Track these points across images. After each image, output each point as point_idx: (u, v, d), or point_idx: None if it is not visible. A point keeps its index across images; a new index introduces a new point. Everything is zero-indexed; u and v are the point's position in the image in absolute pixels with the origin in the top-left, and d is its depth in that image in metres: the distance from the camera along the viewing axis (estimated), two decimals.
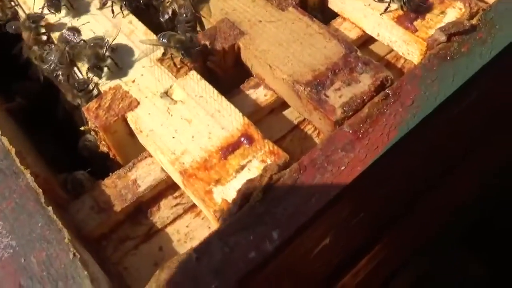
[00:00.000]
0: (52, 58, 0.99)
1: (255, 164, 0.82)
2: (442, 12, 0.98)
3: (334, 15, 1.12)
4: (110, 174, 0.91)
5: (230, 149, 0.84)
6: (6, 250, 0.74)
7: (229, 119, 0.87)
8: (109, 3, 1.06)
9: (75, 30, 1.03)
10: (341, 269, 1.21)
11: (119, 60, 0.98)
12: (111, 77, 0.97)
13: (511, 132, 1.21)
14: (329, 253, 0.99)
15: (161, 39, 0.94)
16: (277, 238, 0.73)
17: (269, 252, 0.72)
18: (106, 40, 0.97)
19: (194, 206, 0.90)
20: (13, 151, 0.84)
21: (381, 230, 1.23)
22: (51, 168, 1.10)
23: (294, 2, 1.03)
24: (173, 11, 1.07)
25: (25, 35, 1.08)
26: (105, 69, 0.95)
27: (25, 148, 1.01)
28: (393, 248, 1.41)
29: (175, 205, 0.91)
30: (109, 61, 0.96)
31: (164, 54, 0.95)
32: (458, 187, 1.27)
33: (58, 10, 1.08)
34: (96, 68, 0.94)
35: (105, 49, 0.96)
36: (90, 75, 0.95)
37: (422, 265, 1.69)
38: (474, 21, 0.93)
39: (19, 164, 0.82)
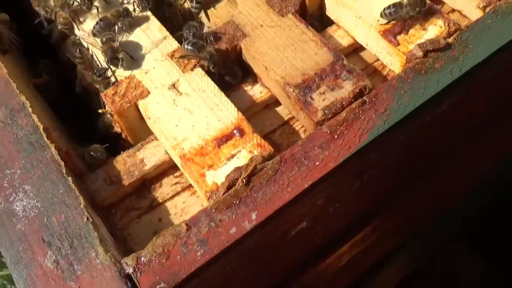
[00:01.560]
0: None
1: (243, 154, 0.96)
2: (424, 29, 1.08)
3: (332, 21, 1.23)
4: (121, 152, 1.06)
5: (224, 139, 0.98)
6: (33, 210, 0.89)
7: (225, 113, 1.01)
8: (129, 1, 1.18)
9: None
10: (323, 250, 1.35)
11: (134, 52, 1.11)
12: (127, 67, 1.11)
13: (480, 140, 1.32)
14: (307, 235, 1.13)
15: (192, 48, 1.05)
16: (255, 219, 0.87)
17: (247, 229, 0.86)
18: (117, 34, 1.09)
19: (191, 185, 1.04)
20: (41, 127, 0.99)
21: (362, 218, 1.37)
22: (72, 140, 1.25)
23: (293, 9, 1.15)
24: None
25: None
26: (121, 60, 1.08)
27: (51, 123, 1.16)
28: (379, 235, 1.54)
29: (175, 184, 1.05)
30: (123, 53, 1.09)
31: (183, 56, 1.07)
32: (435, 188, 1.40)
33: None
34: (113, 59, 1.08)
35: (117, 42, 1.10)
36: (109, 65, 1.09)
37: (418, 256, 1.79)
38: (450, 40, 1.03)
39: (45, 139, 0.97)
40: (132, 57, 1.10)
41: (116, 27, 1.11)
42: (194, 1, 1.16)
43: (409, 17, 1.08)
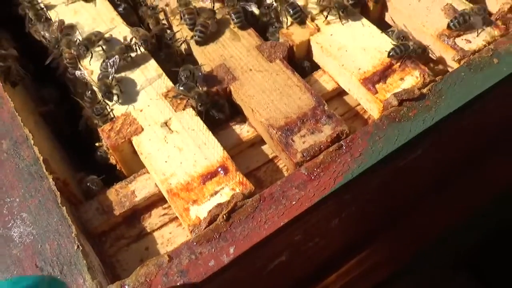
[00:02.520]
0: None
1: (226, 191, 1.03)
2: (401, 79, 1.16)
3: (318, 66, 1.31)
4: (115, 183, 1.14)
5: (209, 176, 1.05)
6: (29, 237, 0.97)
7: (212, 151, 1.08)
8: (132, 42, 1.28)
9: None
10: (305, 282, 1.40)
11: (131, 90, 1.20)
12: (124, 103, 1.19)
13: (454, 181, 1.38)
14: (287, 268, 1.19)
15: (182, 88, 1.15)
16: (232, 253, 0.94)
17: (225, 263, 0.93)
18: (111, 71, 1.19)
19: (177, 217, 1.11)
20: (41, 158, 1.07)
21: (344, 252, 1.42)
22: (73, 165, 1.33)
23: (281, 56, 1.24)
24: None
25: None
26: (115, 96, 1.17)
27: (52, 151, 1.25)
28: (365, 267, 1.59)
29: (163, 215, 1.12)
30: (116, 88, 1.18)
31: (175, 96, 1.16)
32: (414, 224, 1.45)
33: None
34: (107, 94, 1.17)
35: (111, 78, 1.19)
36: (105, 100, 1.18)
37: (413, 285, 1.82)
38: (425, 90, 1.11)
39: (44, 170, 1.05)
40: (121, 91, 1.18)
41: (109, 62, 1.20)
42: (198, 31, 1.26)
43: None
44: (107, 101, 1.18)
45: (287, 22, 1.30)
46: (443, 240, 1.72)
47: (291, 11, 1.27)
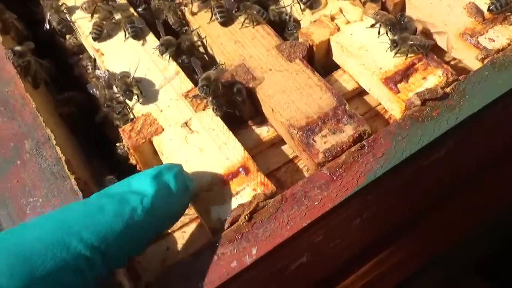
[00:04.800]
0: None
1: (247, 192, 1.02)
2: (424, 78, 1.15)
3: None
4: None
5: (230, 176, 1.05)
6: None
7: (232, 151, 1.08)
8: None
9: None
10: (325, 283, 1.39)
11: (151, 91, 1.20)
12: (145, 104, 1.20)
13: (476, 183, 1.36)
14: (308, 269, 1.18)
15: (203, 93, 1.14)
16: (255, 254, 0.93)
17: (247, 264, 0.92)
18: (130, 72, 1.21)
19: (198, 217, 1.11)
20: (63, 158, 1.08)
21: (364, 252, 1.41)
22: (92, 166, 1.34)
23: (301, 55, 1.23)
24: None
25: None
26: (135, 96, 1.18)
27: (72, 151, 1.26)
28: (383, 268, 1.58)
29: (184, 215, 1.12)
30: (136, 88, 1.19)
31: (195, 96, 1.16)
32: (436, 225, 1.43)
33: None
34: (127, 92, 1.17)
35: (131, 78, 1.19)
36: (125, 98, 1.18)
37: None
38: (448, 89, 1.09)
39: (67, 170, 1.06)
40: (141, 92, 1.19)
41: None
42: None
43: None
44: (127, 101, 1.19)
45: (301, 8, 1.31)
46: (460, 244, 1.70)
47: None
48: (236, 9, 1.31)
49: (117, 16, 1.38)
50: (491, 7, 1.20)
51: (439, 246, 1.64)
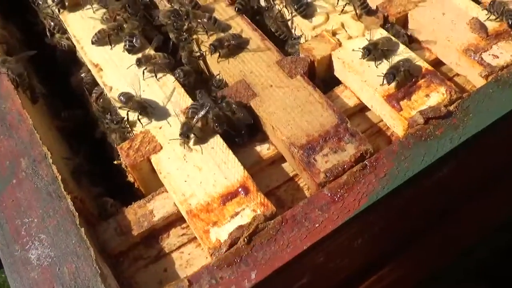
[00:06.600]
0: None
1: (247, 213, 1.00)
2: (427, 95, 1.13)
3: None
4: (133, 202, 1.12)
5: (229, 197, 1.03)
6: (47, 259, 0.95)
7: (232, 171, 1.06)
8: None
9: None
10: None
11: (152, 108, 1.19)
12: (143, 121, 1.18)
13: (480, 201, 1.34)
14: None
15: (203, 110, 1.12)
16: (254, 278, 0.91)
17: None
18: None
19: (196, 237, 1.09)
20: (59, 177, 1.06)
21: (365, 270, 1.39)
22: (90, 181, 1.32)
23: (302, 71, 1.21)
24: None
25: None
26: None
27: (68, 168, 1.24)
28: (384, 283, 1.55)
29: (182, 235, 1.10)
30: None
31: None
32: (438, 242, 1.41)
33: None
34: (142, 110, 1.16)
35: (139, 96, 1.18)
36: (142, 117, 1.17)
37: None
38: (451, 108, 1.07)
39: (63, 189, 1.04)
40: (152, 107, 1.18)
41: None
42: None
43: None
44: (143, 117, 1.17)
45: (291, 14, 1.32)
46: (465, 254, 1.68)
47: (295, 6, 1.28)
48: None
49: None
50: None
51: (440, 260, 1.62)
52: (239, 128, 1.13)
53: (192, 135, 1.10)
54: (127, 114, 1.17)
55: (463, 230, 1.43)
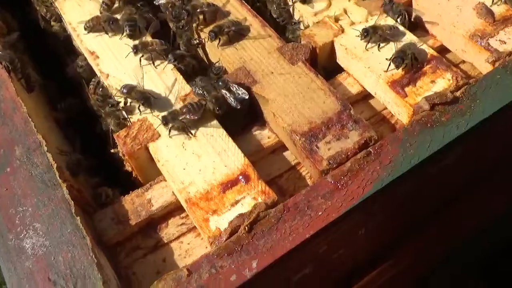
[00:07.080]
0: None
1: (247, 201, 0.97)
2: (432, 81, 1.10)
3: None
4: (130, 191, 1.09)
5: (229, 185, 1.00)
6: (41, 248, 0.92)
7: (232, 158, 1.03)
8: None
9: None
10: None
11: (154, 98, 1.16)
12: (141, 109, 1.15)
13: (487, 187, 1.31)
14: (311, 280, 1.13)
15: (201, 91, 1.10)
16: (255, 267, 0.88)
17: (247, 278, 0.87)
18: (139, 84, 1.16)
19: (196, 227, 1.06)
20: (54, 165, 1.03)
21: (368, 262, 1.36)
22: (88, 169, 1.29)
23: (304, 58, 1.18)
24: None
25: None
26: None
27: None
28: (387, 277, 1.53)
29: (181, 224, 1.07)
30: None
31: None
32: (442, 231, 1.38)
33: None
34: (144, 100, 1.13)
35: (142, 86, 1.15)
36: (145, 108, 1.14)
37: None
38: (458, 94, 1.04)
39: (58, 178, 1.01)
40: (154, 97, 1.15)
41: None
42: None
43: None
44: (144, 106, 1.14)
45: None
46: (465, 248, 1.66)
47: None
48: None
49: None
50: None
51: (445, 251, 1.60)
52: (238, 112, 1.11)
53: (170, 125, 1.07)
54: (125, 101, 1.14)
55: (465, 221, 1.40)
